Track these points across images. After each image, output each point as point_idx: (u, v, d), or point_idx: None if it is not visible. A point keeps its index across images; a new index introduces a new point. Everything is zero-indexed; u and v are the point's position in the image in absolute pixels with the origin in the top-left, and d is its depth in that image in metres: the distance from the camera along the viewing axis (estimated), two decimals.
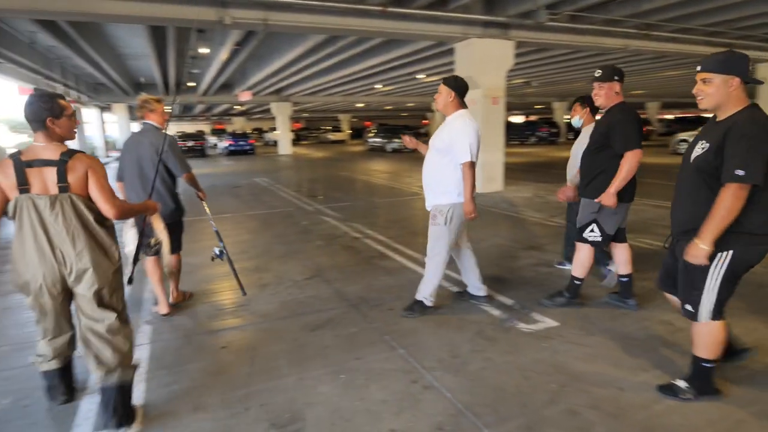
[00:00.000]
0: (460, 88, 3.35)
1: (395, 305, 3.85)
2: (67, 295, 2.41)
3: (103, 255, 2.34)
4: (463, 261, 3.75)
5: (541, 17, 8.75)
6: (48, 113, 2.28)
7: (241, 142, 27.15)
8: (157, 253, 3.22)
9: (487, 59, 9.56)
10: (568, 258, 4.55)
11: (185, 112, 41.94)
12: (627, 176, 3.22)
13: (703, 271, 2.28)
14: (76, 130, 2.41)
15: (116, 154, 28.87)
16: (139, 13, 7.46)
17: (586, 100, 4.15)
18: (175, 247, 3.78)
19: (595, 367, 2.86)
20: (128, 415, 2.41)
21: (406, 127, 32.01)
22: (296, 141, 39.94)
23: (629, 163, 3.19)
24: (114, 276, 2.37)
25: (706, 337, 2.38)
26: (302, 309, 3.84)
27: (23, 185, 2.25)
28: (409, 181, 12.22)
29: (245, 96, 21.06)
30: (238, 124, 47.34)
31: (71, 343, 2.58)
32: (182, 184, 3.86)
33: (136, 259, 2.92)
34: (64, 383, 2.59)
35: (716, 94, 2.20)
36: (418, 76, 18.74)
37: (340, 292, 4.21)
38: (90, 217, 2.31)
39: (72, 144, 2.51)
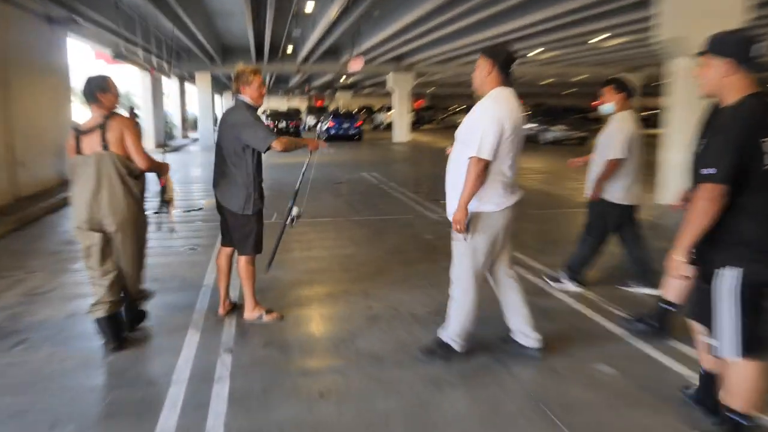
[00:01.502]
0: (501, 57, 3.50)
1: (555, 363, 3.70)
2: (106, 236, 3.81)
3: (131, 201, 3.82)
4: (503, 294, 3.78)
5: None
6: (98, 89, 3.79)
7: (346, 125, 28.31)
8: (165, 206, 4.34)
9: (706, 12, 8.82)
10: (643, 279, 5.09)
11: (278, 85, 44.84)
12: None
13: (713, 296, 2.62)
14: (117, 102, 3.95)
15: (195, 136, 31.78)
16: None
17: (621, 84, 4.90)
18: (244, 247, 4.30)
19: None
20: (140, 321, 4.25)
21: (570, 110, 30.86)
22: (416, 124, 40.64)
23: None
24: (138, 217, 3.92)
25: (736, 380, 2.67)
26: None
27: (78, 149, 3.78)
28: (574, 186, 11.75)
29: (356, 65, 21.85)
30: (342, 101, 49.54)
31: (116, 287, 3.89)
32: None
33: (157, 212, 4.33)
34: (112, 331, 3.87)
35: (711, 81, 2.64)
36: (594, 39, 18.00)
37: (476, 336, 4.11)
38: (123, 171, 3.76)
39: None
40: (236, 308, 4.62)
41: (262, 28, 17.89)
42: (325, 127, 28.75)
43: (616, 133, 4.77)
